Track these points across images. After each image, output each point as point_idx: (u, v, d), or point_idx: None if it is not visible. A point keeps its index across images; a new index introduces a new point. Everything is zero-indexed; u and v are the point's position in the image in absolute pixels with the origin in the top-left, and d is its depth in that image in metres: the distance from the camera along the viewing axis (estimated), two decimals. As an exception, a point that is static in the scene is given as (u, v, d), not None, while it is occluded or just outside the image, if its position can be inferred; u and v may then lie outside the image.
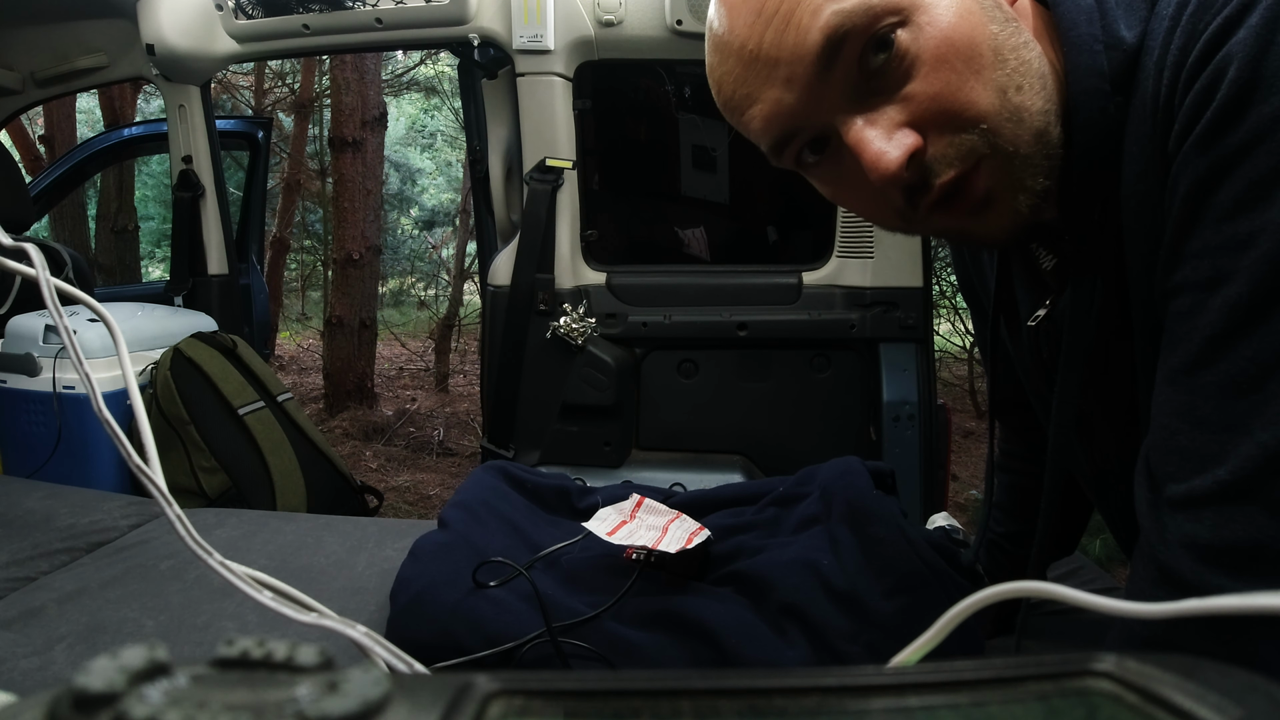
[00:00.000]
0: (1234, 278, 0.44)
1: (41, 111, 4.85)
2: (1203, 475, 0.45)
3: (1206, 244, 0.45)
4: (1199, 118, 0.45)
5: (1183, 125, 0.46)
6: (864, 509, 0.89)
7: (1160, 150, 0.48)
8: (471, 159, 2.12)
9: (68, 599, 0.96)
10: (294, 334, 7.40)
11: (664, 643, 0.78)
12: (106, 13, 2.07)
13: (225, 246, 2.26)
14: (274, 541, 1.15)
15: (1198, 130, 0.45)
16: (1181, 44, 0.46)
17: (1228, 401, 0.44)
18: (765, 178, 2.23)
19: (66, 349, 0.51)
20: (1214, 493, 0.45)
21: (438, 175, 9.25)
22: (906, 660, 0.28)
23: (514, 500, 1.10)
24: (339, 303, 4.35)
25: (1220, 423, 0.45)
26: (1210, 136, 0.44)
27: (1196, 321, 0.46)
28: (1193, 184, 0.45)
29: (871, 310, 1.80)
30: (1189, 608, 0.23)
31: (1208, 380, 0.45)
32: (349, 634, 0.40)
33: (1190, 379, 0.46)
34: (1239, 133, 0.43)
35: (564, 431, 1.90)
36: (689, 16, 1.69)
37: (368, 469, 3.80)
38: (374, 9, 1.77)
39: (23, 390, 1.76)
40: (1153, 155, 0.49)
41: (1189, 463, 0.46)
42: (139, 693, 0.15)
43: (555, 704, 0.18)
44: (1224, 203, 0.44)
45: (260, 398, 1.93)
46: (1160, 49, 0.48)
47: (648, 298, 1.90)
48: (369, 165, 4.32)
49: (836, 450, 1.17)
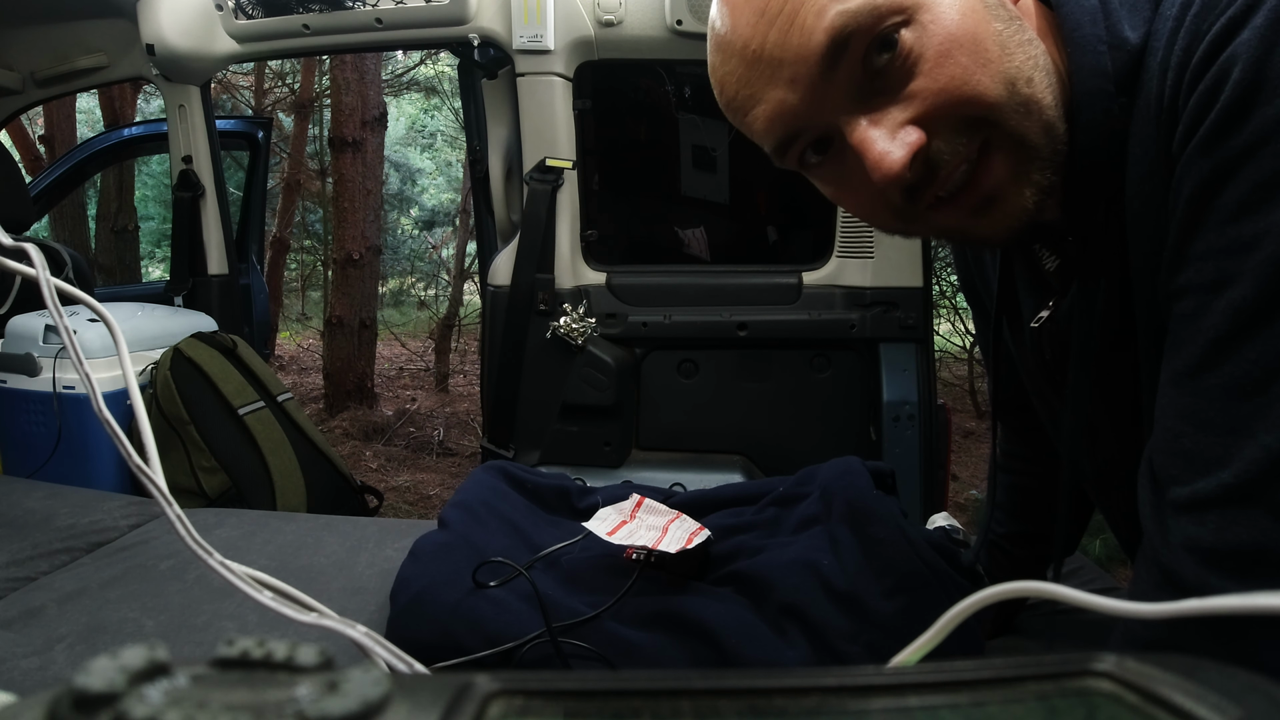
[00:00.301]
0: (1238, 280, 0.44)
1: (41, 111, 4.85)
2: (1207, 478, 0.45)
3: (1211, 246, 0.45)
4: (1203, 119, 0.45)
5: (1186, 127, 0.46)
6: (864, 509, 0.89)
7: (1164, 151, 0.48)
8: (471, 159, 2.12)
9: (68, 599, 0.96)
10: (294, 334, 7.40)
11: (664, 643, 0.78)
12: (106, 13, 2.07)
13: (225, 246, 2.26)
14: (274, 541, 1.15)
15: (1201, 132, 0.45)
16: (1185, 44, 0.46)
17: (1232, 404, 0.44)
18: (765, 178, 2.23)
19: (66, 349, 0.51)
20: (1218, 496, 0.45)
21: (438, 175, 9.25)
22: (906, 660, 0.28)
23: (514, 500, 1.10)
24: (339, 303, 4.35)
25: (1224, 425, 0.45)
26: (1214, 138, 0.44)
27: (1201, 324, 0.46)
28: (1197, 186, 0.45)
29: (871, 310, 1.80)
30: (1188, 608, 0.23)
31: (1212, 383, 0.45)
32: (349, 634, 0.40)
33: (1194, 381, 0.46)
34: (1243, 135, 0.43)
35: (564, 431, 1.90)
36: (689, 16, 1.69)
37: (368, 469, 3.80)
38: (374, 9, 1.77)
39: (23, 390, 1.76)
40: (1157, 156, 0.49)
41: (1193, 465, 0.46)
42: (139, 693, 0.15)
43: (555, 704, 0.18)
44: (1228, 205, 0.44)
45: (260, 398, 1.93)
46: (1164, 49, 0.47)
47: (648, 298, 1.90)
48: (369, 165, 4.32)
49: (836, 450, 1.17)
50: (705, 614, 0.78)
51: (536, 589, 0.79)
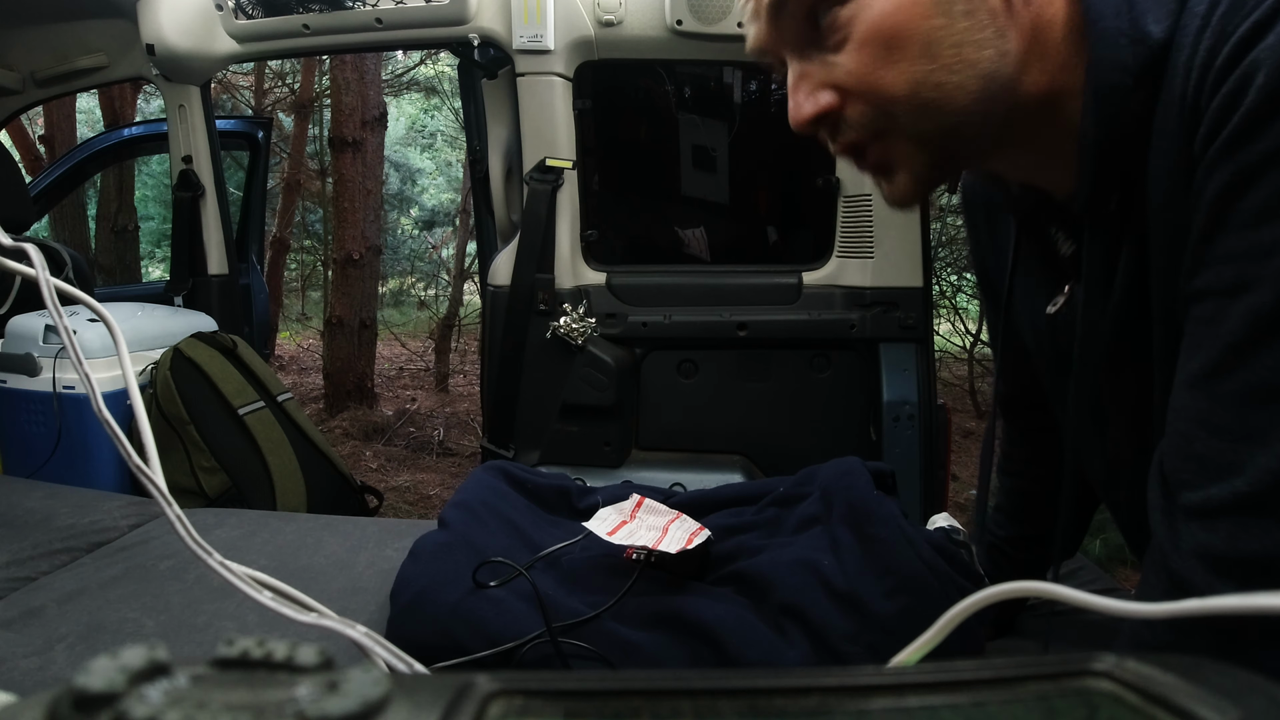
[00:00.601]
0: (1257, 286, 0.44)
1: (41, 111, 4.85)
2: (1219, 484, 0.45)
3: (1230, 250, 0.45)
4: (1226, 122, 0.45)
5: (1209, 128, 0.46)
6: (864, 509, 0.89)
7: (1187, 149, 0.48)
8: (471, 159, 2.12)
9: (68, 599, 0.96)
10: (294, 334, 7.40)
11: (664, 643, 0.78)
12: (106, 13, 2.07)
13: (225, 246, 2.26)
14: (274, 541, 1.15)
15: (1224, 135, 0.45)
16: (1210, 44, 0.46)
17: (1247, 410, 0.44)
18: (765, 178, 2.23)
19: (66, 349, 0.51)
20: (1230, 503, 0.45)
21: (438, 175, 9.25)
22: (906, 660, 0.28)
23: (514, 500, 1.10)
24: (339, 303, 4.35)
25: (1238, 432, 0.45)
26: (1236, 142, 0.44)
27: (1218, 328, 0.46)
28: (1218, 189, 0.45)
29: (871, 310, 1.80)
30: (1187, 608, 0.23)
31: (1227, 388, 0.45)
32: (349, 634, 0.40)
33: (1210, 386, 0.46)
34: (1265, 140, 0.43)
35: (564, 431, 1.90)
36: (689, 16, 1.69)
37: (368, 469, 3.80)
38: (374, 9, 1.77)
39: (23, 390, 1.76)
40: (1180, 153, 0.49)
41: (1206, 471, 0.46)
42: (139, 693, 0.15)
43: (555, 704, 0.18)
44: (1249, 210, 0.44)
45: (260, 398, 1.93)
46: (1190, 48, 0.47)
47: (648, 298, 1.90)
48: (369, 165, 4.32)
49: (836, 450, 1.16)
50: (705, 614, 0.78)
51: (536, 589, 0.79)
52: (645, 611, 0.82)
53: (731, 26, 1.68)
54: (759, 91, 2.12)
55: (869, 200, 1.75)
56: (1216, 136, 0.45)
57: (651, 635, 0.79)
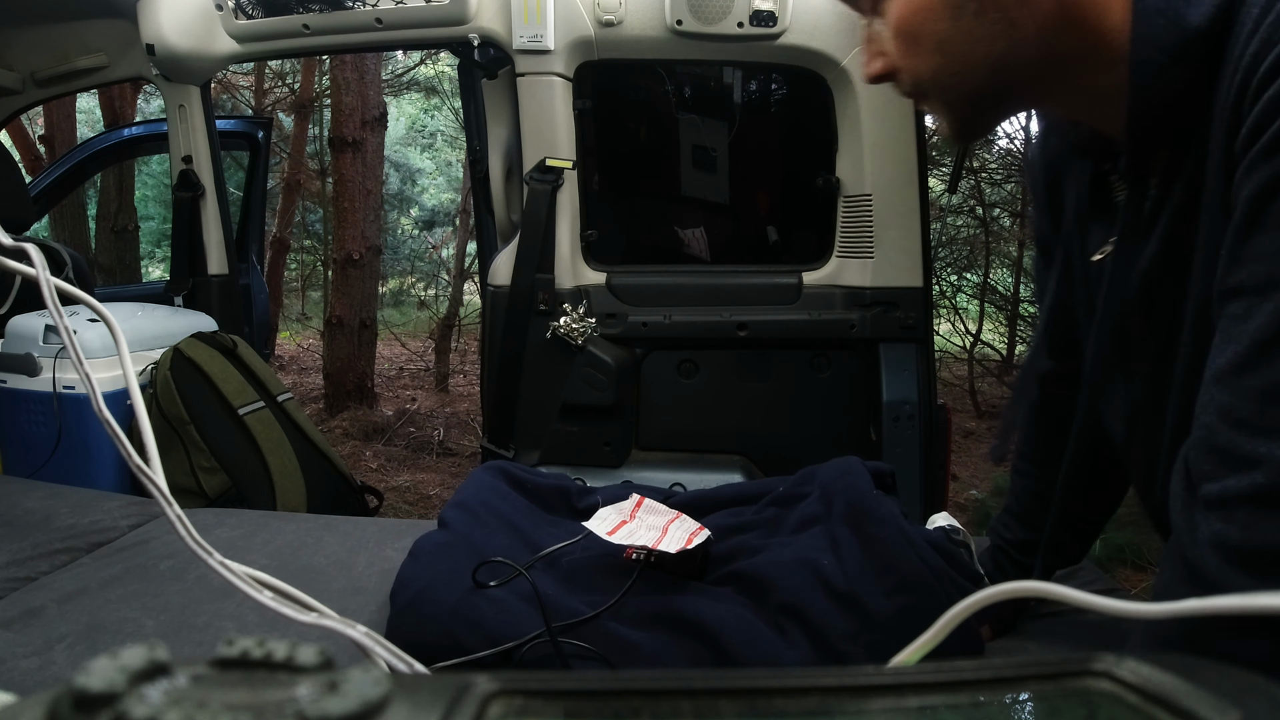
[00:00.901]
0: None
1: (41, 111, 4.84)
2: (1239, 476, 0.46)
3: (1265, 250, 0.46)
4: (1266, 127, 0.46)
5: (1250, 131, 0.48)
6: (864, 509, 0.89)
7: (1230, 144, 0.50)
8: (471, 159, 2.12)
9: (68, 599, 0.96)
10: (294, 334, 7.40)
11: (664, 643, 0.78)
12: (106, 13, 2.07)
13: (225, 246, 2.26)
14: (274, 541, 1.15)
15: (1264, 139, 0.46)
16: (1255, 50, 0.47)
17: (1270, 406, 0.45)
18: (765, 178, 2.23)
19: (66, 349, 0.51)
20: (1248, 495, 0.45)
21: (438, 175, 9.25)
22: (906, 660, 0.28)
23: (514, 500, 1.10)
24: (339, 303, 4.34)
25: (1260, 426, 0.46)
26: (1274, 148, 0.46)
27: (1246, 325, 0.47)
28: (1255, 189, 0.47)
29: (871, 310, 1.80)
30: (1187, 608, 0.23)
31: (1251, 383, 0.46)
32: (349, 634, 0.40)
33: (1235, 381, 0.47)
34: None
35: (564, 431, 1.90)
36: (689, 16, 1.69)
37: (368, 469, 3.80)
38: (374, 9, 1.77)
39: (23, 390, 1.76)
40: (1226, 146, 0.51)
41: (1225, 463, 0.47)
42: (139, 693, 0.15)
43: (555, 704, 0.18)
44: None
45: (260, 398, 1.93)
46: (1241, 45, 0.49)
47: (648, 298, 1.90)
48: (369, 165, 4.32)
49: (836, 450, 1.16)
50: (705, 614, 0.78)
51: (536, 589, 0.79)
52: (645, 611, 0.82)
53: (731, 26, 1.68)
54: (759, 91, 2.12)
55: (869, 200, 1.75)
56: (1256, 140, 0.47)
57: (651, 635, 0.79)
